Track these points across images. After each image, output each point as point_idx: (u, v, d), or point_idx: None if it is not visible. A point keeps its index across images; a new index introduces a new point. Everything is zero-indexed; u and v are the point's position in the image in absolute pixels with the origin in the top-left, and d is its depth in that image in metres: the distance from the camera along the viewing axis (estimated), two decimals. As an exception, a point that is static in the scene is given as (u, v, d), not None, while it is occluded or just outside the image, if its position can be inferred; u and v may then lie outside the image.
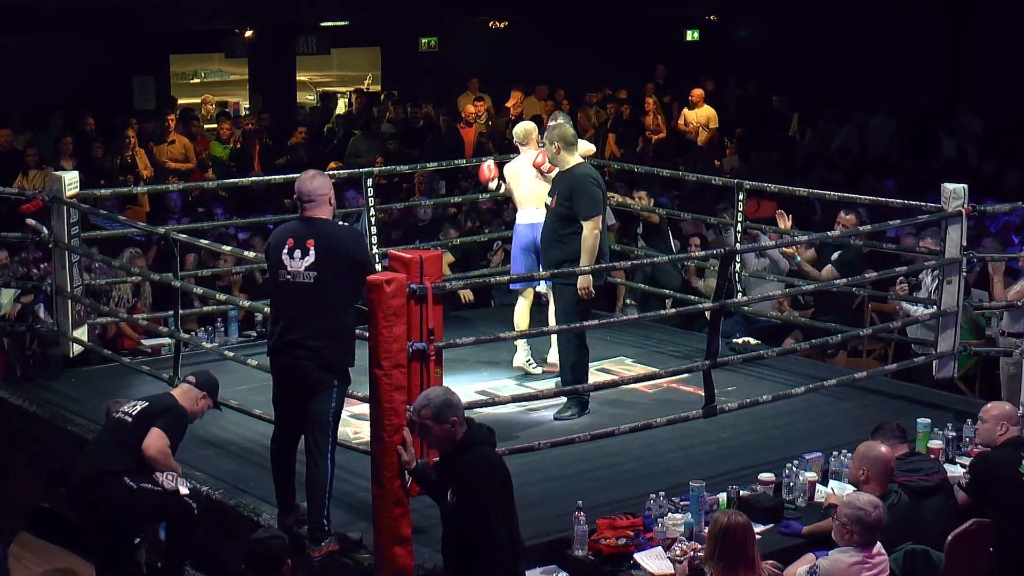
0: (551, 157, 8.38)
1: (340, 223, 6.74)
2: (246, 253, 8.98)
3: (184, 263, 9.76)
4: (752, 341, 9.76)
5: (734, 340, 9.71)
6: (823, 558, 5.78)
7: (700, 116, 17.57)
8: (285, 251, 6.37)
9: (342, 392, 6.45)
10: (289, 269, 6.35)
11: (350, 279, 6.33)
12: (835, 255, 9.81)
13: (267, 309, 6.95)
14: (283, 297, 6.42)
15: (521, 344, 9.01)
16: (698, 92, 17.85)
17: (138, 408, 6.82)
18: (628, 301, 10.96)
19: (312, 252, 6.31)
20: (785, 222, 9.87)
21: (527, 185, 8.95)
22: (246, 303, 8.82)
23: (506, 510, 5.65)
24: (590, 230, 8.02)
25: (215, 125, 17.24)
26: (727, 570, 5.43)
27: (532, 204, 8.86)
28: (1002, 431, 6.83)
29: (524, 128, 9.19)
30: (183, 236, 8.70)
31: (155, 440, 6.66)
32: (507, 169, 9.18)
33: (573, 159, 8.30)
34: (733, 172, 14.69)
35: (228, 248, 8.89)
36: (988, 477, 6.69)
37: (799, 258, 9.78)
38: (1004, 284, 9.24)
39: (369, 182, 10.02)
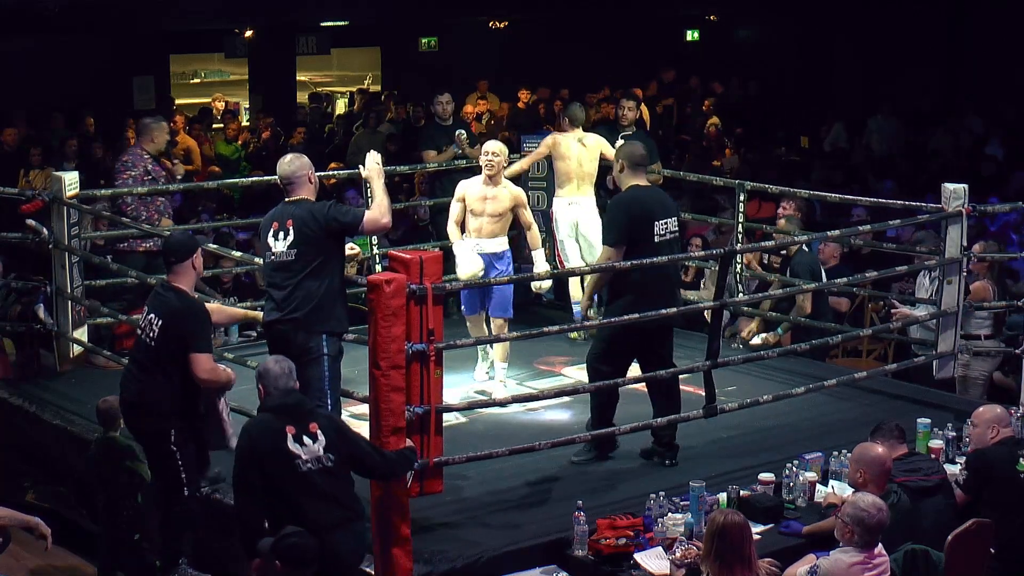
0: (615, 176, 7.75)
1: (315, 201, 6.86)
2: (235, 253, 8.99)
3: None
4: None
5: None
6: (823, 558, 5.78)
7: None
8: (271, 234, 6.72)
9: (335, 362, 6.67)
10: (274, 251, 6.69)
11: (332, 248, 6.66)
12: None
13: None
14: (271, 277, 6.75)
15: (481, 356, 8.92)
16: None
17: (156, 329, 6.52)
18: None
19: (292, 231, 6.64)
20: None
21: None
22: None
23: (246, 485, 5.87)
24: (603, 257, 7.46)
25: (221, 125, 17.26)
26: (723, 569, 5.44)
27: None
28: (993, 434, 6.83)
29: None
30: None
31: (201, 366, 6.43)
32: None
33: (633, 180, 7.50)
34: (733, 172, 14.68)
35: (238, 254, 8.80)
36: (986, 474, 6.69)
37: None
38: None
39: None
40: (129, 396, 6.67)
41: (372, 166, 6.98)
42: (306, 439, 5.84)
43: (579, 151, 9.71)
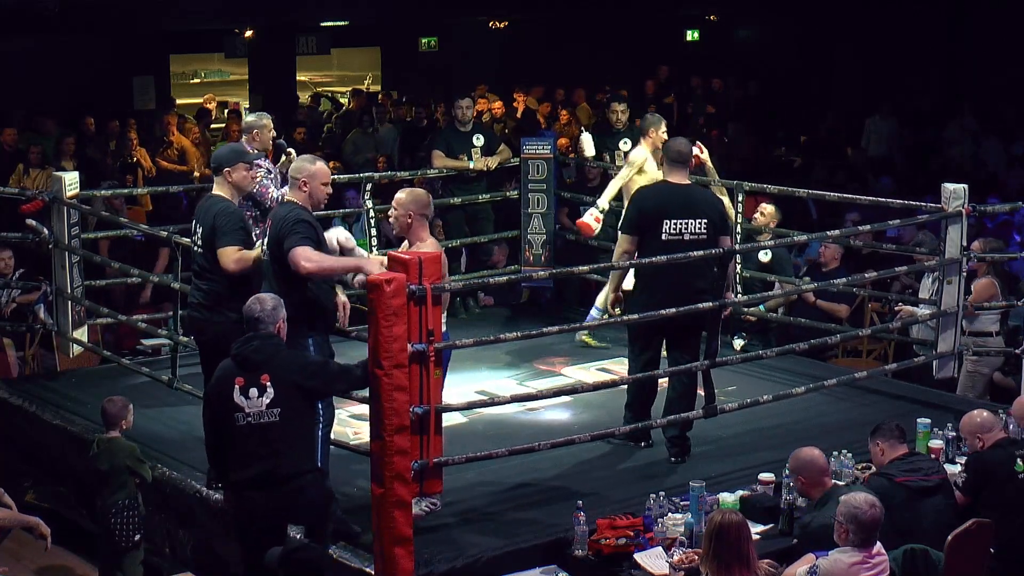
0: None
1: (294, 206, 6.66)
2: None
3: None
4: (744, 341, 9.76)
5: (733, 341, 9.70)
6: (823, 558, 5.78)
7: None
8: (258, 232, 6.88)
9: (320, 345, 6.60)
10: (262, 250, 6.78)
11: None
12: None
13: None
14: (258, 275, 6.82)
15: None
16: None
17: (199, 236, 6.94)
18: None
19: (267, 232, 6.67)
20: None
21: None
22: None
23: (206, 421, 6.17)
24: (618, 244, 7.69)
25: (223, 125, 17.23)
26: (721, 568, 5.45)
27: None
28: (980, 443, 6.84)
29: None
30: (186, 240, 8.66)
31: (226, 258, 6.76)
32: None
33: (668, 176, 7.69)
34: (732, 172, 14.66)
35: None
36: (984, 476, 6.69)
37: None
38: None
39: (368, 186, 10.05)
40: (196, 300, 7.02)
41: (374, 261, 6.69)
42: (252, 391, 5.95)
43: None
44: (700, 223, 7.45)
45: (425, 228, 6.77)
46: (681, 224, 7.43)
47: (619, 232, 7.74)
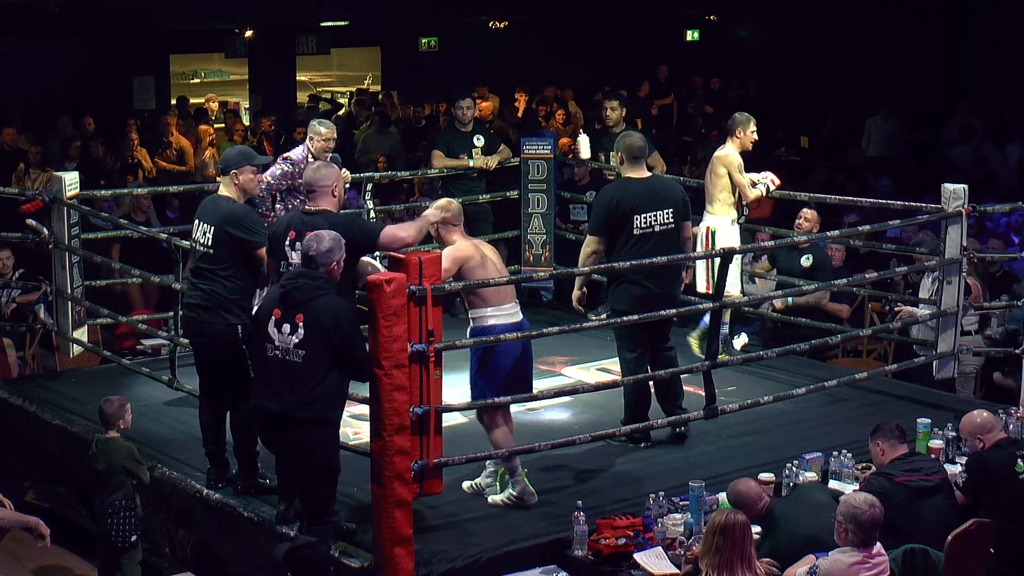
0: (616, 167, 7.95)
1: (333, 215, 6.73)
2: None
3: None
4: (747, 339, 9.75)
5: (734, 340, 9.69)
6: (823, 558, 5.78)
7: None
8: (287, 242, 6.65)
9: None
10: (291, 260, 6.62)
11: (347, 264, 6.52)
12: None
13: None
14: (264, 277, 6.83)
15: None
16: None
17: (209, 236, 6.92)
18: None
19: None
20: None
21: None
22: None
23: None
24: (585, 245, 7.77)
25: (223, 125, 17.24)
26: (723, 565, 5.45)
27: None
28: (981, 444, 6.84)
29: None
30: (185, 243, 8.64)
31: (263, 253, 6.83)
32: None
33: (628, 172, 7.75)
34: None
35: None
36: (985, 477, 6.70)
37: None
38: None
39: (369, 186, 10.05)
40: (194, 301, 6.98)
41: (432, 211, 6.95)
42: (285, 326, 6.09)
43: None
44: (667, 212, 7.68)
45: (453, 232, 6.98)
46: (651, 216, 7.63)
47: (587, 233, 7.85)
